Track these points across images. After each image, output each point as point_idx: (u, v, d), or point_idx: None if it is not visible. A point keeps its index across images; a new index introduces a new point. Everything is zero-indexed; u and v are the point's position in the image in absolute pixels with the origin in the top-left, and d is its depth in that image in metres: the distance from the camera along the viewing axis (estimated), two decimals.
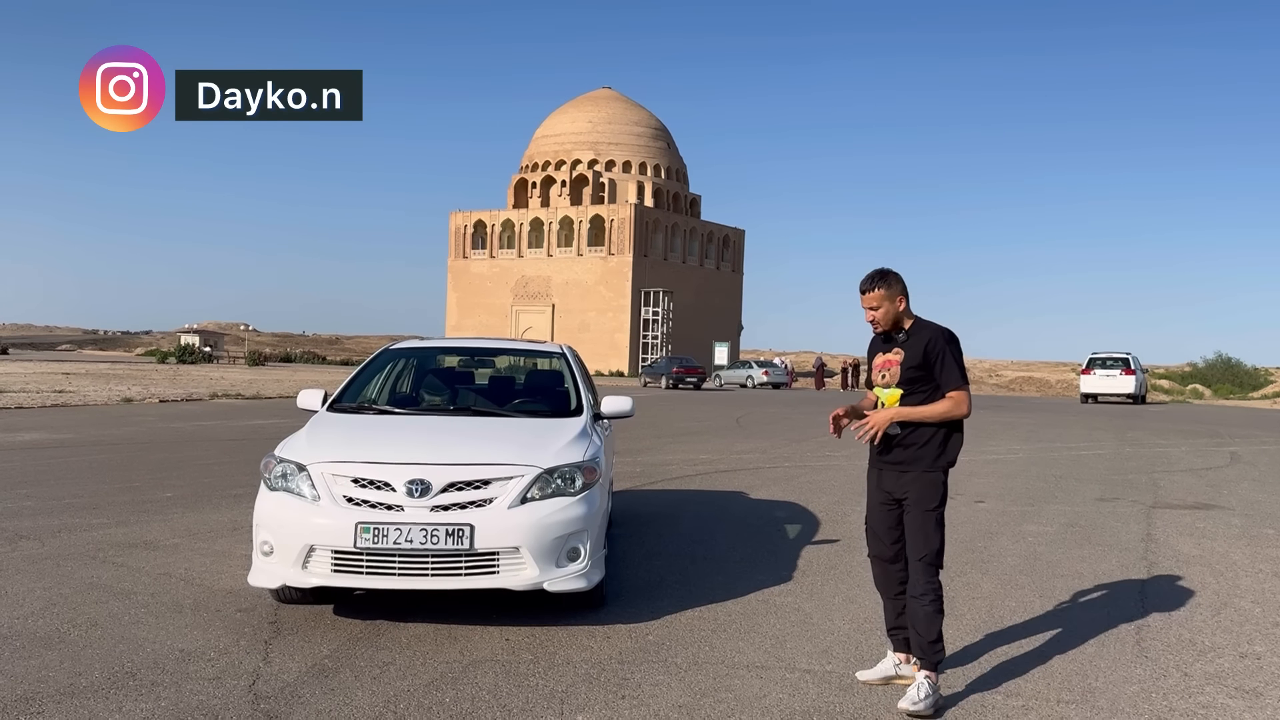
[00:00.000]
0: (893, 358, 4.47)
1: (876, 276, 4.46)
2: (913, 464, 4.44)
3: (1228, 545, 8.03)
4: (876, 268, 4.48)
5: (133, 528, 7.69)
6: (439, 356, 7.85)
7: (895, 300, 4.46)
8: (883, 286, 4.44)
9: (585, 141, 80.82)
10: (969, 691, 4.46)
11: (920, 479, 4.42)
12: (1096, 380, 37.42)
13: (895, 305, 4.46)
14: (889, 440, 4.46)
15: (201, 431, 16.73)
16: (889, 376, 4.47)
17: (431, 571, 4.93)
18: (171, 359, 63.37)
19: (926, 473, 4.42)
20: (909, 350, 4.44)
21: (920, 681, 4.25)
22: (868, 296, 4.47)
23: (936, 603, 4.33)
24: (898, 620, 4.53)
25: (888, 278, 4.46)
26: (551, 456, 5.33)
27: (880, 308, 4.45)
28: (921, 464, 4.43)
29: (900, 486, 4.46)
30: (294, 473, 5.19)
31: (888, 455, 4.49)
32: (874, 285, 4.45)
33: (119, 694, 4.17)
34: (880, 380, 4.51)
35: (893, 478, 4.49)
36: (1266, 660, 5.00)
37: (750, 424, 21.52)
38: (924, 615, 4.31)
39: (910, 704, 4.18)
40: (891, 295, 4.45)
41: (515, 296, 79.00)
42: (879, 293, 4.44)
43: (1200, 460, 15.18)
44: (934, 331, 4.46)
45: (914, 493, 4.43)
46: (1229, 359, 62.48)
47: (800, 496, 10.22)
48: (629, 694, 4.31)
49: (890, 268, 4.48)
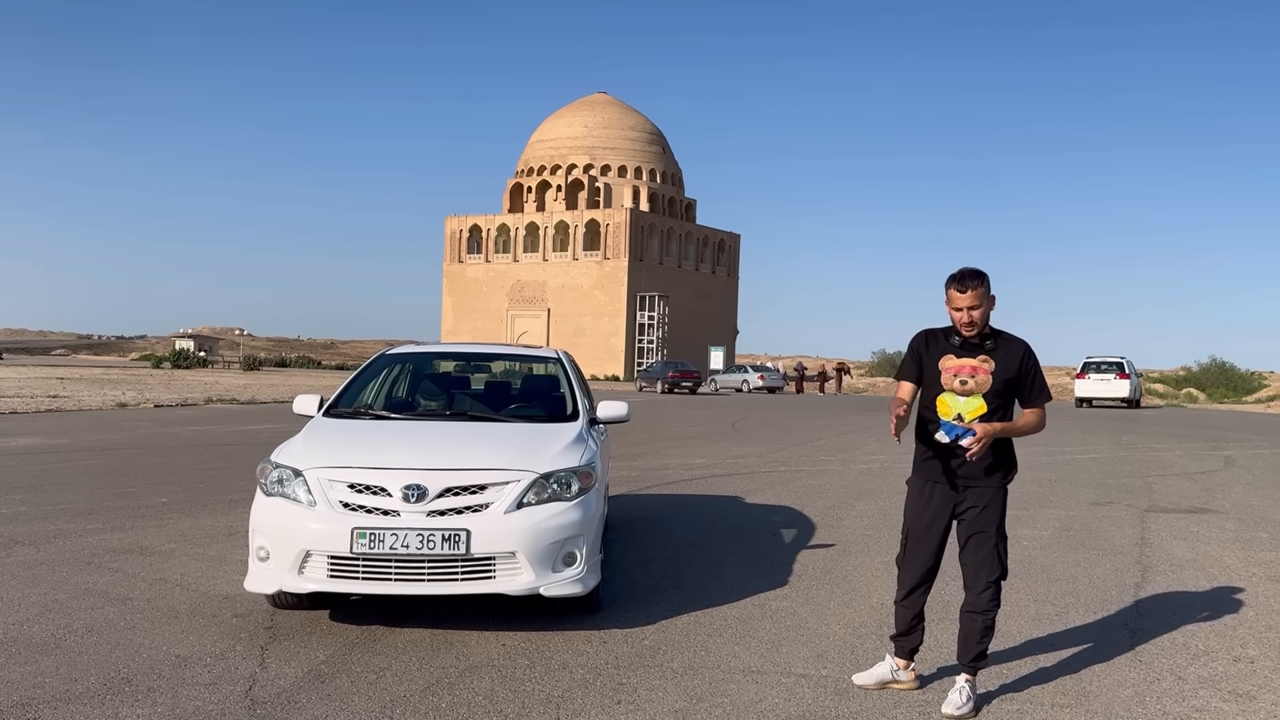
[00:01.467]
0: (980, 365, 4.21)
1: (973, 275, 4.16)
2: (979, 479, 4.25)
3: (1221, 549, 8.05)
4: (965, 266, 4.19)
5: (128, 533, 7.68)
6: (435, 361, 7.86)
7: (990, 300, 4.19)
8: (982, 286, 4.15)
9: (581, 146, 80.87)
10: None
11: (986, 495, 4.27)
12: (1091, 384, 37.52)
13: (990, 306, 4.20)
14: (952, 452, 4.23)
15: (196, 436, 16.70)
16: (974, 384, 4.20)
17: (428, 577, 4.93)
18: (166, 364, 63.25)
19: (993, 488, 4.28)
20: (1002, 360, 4.21)
21: (962, 685, 4.28)
22: (967, 295, 4.15)
23: (994, 619, 4.34)
24: (911, 630, 4.47)
25: (983, 277, 4.18)
26: (547, 461, 5.34)
27: (980, 307, 4.16)
28: (991, 479, 4.26)
29: (963, 503, 4.29)
30: (290, 478, 5.19)
31: (954, 469, 4.27)
32: (974, 283, 4.14)
33: (115, 700, 4.16)
34: (959, 386, 4.22)
35: (952, 494, 4.30)
36: (1260, 664, 5.02)
37: (746, 428, 21.53)
38: (980, 630, 4.30)
39: (955, 709, 4.19)
40: (988, 294, 4.18)
41: (511, 301, 78.98)
42: (979, 291, 4.15)
43: (1194, 464, 15.21)
44: (1024, 343, 4.26)
45: (979, 509, 4.26)
46: (1223, 363, 62.70)
47: (796, 501, 10.23)
48: (625, 699, 4.31)
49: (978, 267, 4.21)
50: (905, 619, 4.47)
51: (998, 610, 4.35)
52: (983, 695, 4.45)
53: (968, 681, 4.30)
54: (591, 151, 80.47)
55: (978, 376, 4.20)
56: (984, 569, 4.28)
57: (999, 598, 4.34)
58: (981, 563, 4.29)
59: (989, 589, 4.29)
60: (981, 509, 4.27)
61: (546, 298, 77.42)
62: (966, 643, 4.33)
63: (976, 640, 4.31)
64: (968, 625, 4.33)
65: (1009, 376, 4.20)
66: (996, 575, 4.29)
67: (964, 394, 4.21)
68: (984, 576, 4.28)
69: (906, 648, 4.50)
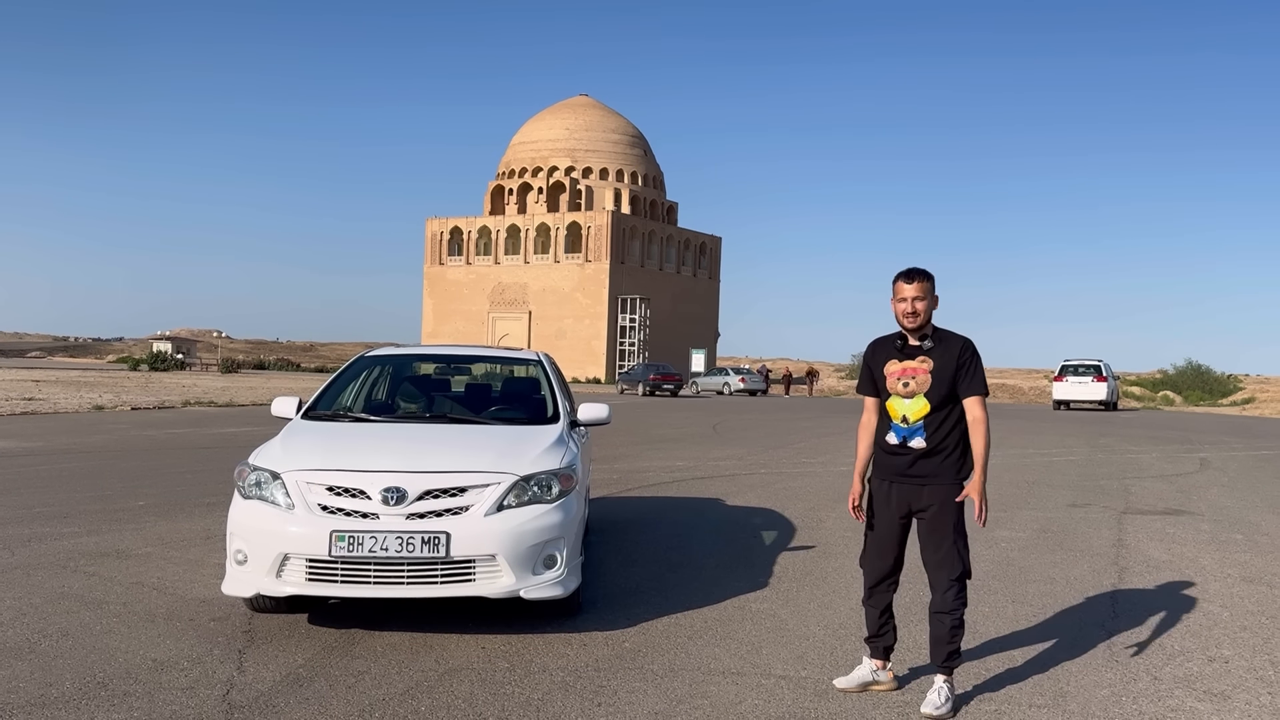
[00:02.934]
0: (919, 366, 4.29)
1: (919, 271, 4.29)
2: (934, 477, 4.30)
3: (1197, 550, 8.13)
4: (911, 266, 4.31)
5: (104, 536, 7.62)
6: (415, 364, 7.83)
7: (934, 297, 4.31)
8: (929, 282, 4.27)
9: (562, 148, 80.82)
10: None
11: (941, 493, 4.30)
12: (1069, 387, 37.78)
13: (934, 302, 4.31)
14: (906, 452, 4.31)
15: (174, 439, 16.58)
16: (915, 385, 4.28)
17: (407, 580, 4.91)
18: (143, 366, 62.70)
19: (950, 485, 4.30)
20: (940, 359, 4.28)
21: (940, 686, 4.30)
22: (914, 286, 4.25)
23: (962, 616, 4.35)
24: (881, 630, 4.52)
25: (931, 276, 4.30)
26: (528, 464, 5.33)
27: (923, 299, 4.26)
28: (945, 477, 4.30)
29: (919, 501, 4.34)
30: (268, 481, 5.16)
31: (907, 469, 4.33)
32: (920, 277, 4.27)
33: (91, 704, 4.12)
34: (902, 389, 4.31)
35: (910, 491, 4.35)
36: (1234, 664, 5.06)
37: (727, 431, 21.57)
38: (950, 629, 4.31)
39: (934, 709, 4.21)
40: (933, 290, 4.29)
41: (492, 303, 78.81)
42: (925, 285, 4.26)
43: (1171, 466, 15.35)
44: (962, 341, 4.33)
45: (937, 508, 4.30)
46: (1199, 366, 63.28)
47: (776, 503, 10.26)
48: (605, 701, 4.31)
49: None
50: (873, 618, 4.52)
51: (964, 608, 4.36)
52: (961, 695, 4.47)
53: (945, 682, 4.33)
54: (573, 154, 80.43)
55: (918, 378, 4.28)
56: (944, 568, 4.32)
57: (964, 596, 4.36)
58: (941, 562, 4.33)
59: (952, 588, 4.32)
60: (939, 507, 4.31)
61: (528, 300, 77.30)
62: (938, 643, 4.36)
63: (947, 640, 4.33)
64: (936, 626, 4.36)
65: (947, 375, 4.26)
66: (958, 573, 4.31)
67: (907, 396, 4.30)
68: (945, 575, 4.32)
69: (880, 647, 4.54)
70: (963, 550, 4.34)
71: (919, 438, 4.28)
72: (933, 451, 4.29)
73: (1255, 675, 4.88)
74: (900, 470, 4.36)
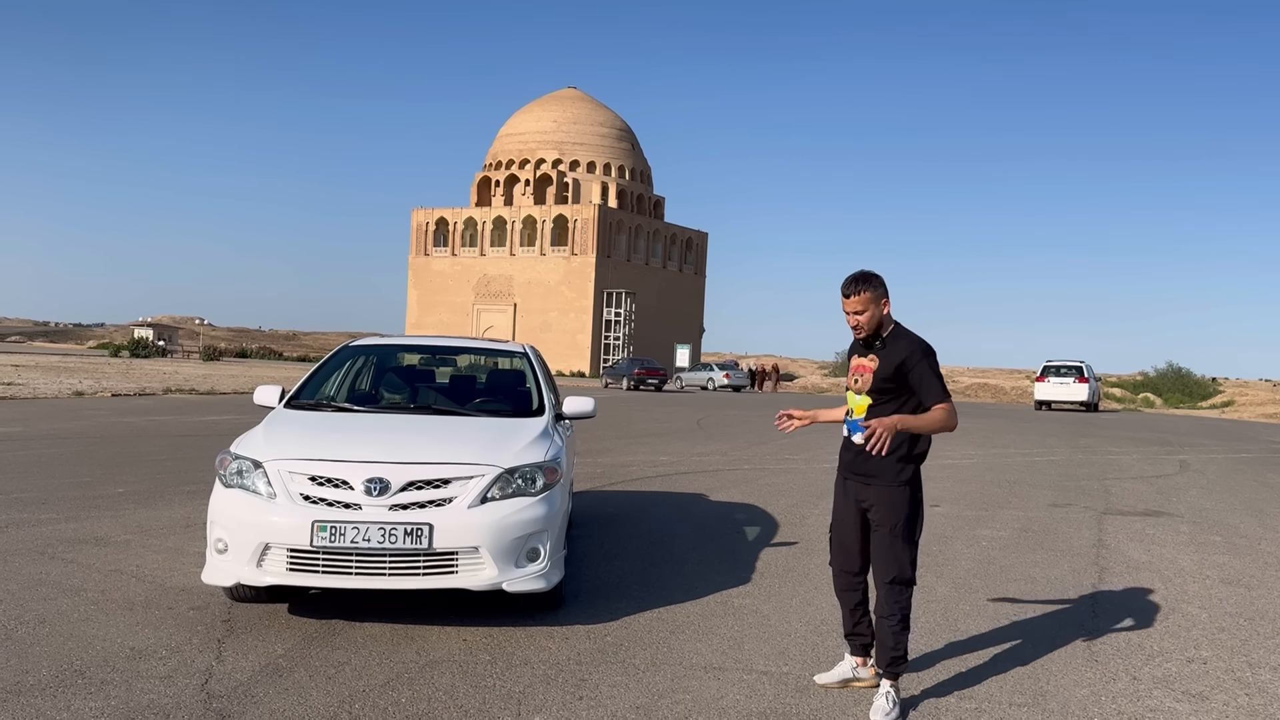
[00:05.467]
0: (867, 364, 4.33)
1: (860, 279, 4.26)
2: (876, 476, 4.31)
3: (1176, 551, 8.18)
4: (858, 270, 4.29)
5: (83, 523, 7.55)
6: (399, 354, 7.79)
7: (880, 304, 4.28)
8: (867, 290, 4.24)
9: (550, 141, 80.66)
10: (924, 696, 4.50)
11: (884, 493, 4.29)
12: (1051, 388, 38.00)
13: (880, 309, 4.29)
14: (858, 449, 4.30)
15: (154, 427, 16.46)
16: (861, 382, 4.34)
17: (389, 571, 4.89)
18: (124, 352, 62.31)
19: (890, 487, 4.29)
20: (883, 360, 4.29)
21: (887, 691, 4.24)
22: (851, 300, 4.26)
23: (903, 622, 4.28)
24: (855, 627, 4.52)
25: (871, 281, 4.26)
26: (512, 456, 5.31)
27: (865, 311, 4.26)
28: (886, 477, 4.29)
29: (865, 498, 4.36)
30: (250, 470, 5.13)
31: (854, 464, 4.38)
32: (858, 289, 4.24)
33: (67, 692, 4.09)
34: (853, 385, 4.39)
35: (858, 488, 4.38)
36: (1212, 664, 5.10)
37: (711, 426, 21.59)
38: (890, 633, 4.26)
39: (883, 715, 4.16)
40: (876, 298, 4.26)
41: (477, 295, 78.63)
42: (864, 296, 4.24)
43: (1151, 468, 15.45)
44: (911, 344, 4.28)
45: (879, 508, 4.30)
46: (1180, 369, 63.67)
47: (759, 499, 10.27)
48: (586, 695, 4.30)
49: (872, 270, 4.30)
50: (846, 616, 4.53)
51: (902, 614, 4.25)
52: (940, 693, 4.49)
53: (891, 687, 4.25)
54: (560, 147, 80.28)
55: (863, 375, 4.33)
56: (880, 570, 4.29)
57: (903, 601, 4.25)
58: (880, 563, 4.30)
59: (886, 589, 4.26)
60: (880, 508, 4.30)
61: (513, 292, 77.17)
62: (880, 647, 4.32)
63: (890, 646, 4.25)
64: (878, 629, 4.34)
65: (886, 375, 4.25)
66: (892, 576, 4.25)
67: (857, 392, 4.37)
68: (881, 578, 4.29)
69: (858, 644, 4.52)
70: (901, 554, 4.26)
71: (860, 433, 4.29)
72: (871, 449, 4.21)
73: (1233, 676, 4.92)
74: (849, 465, 4.43)
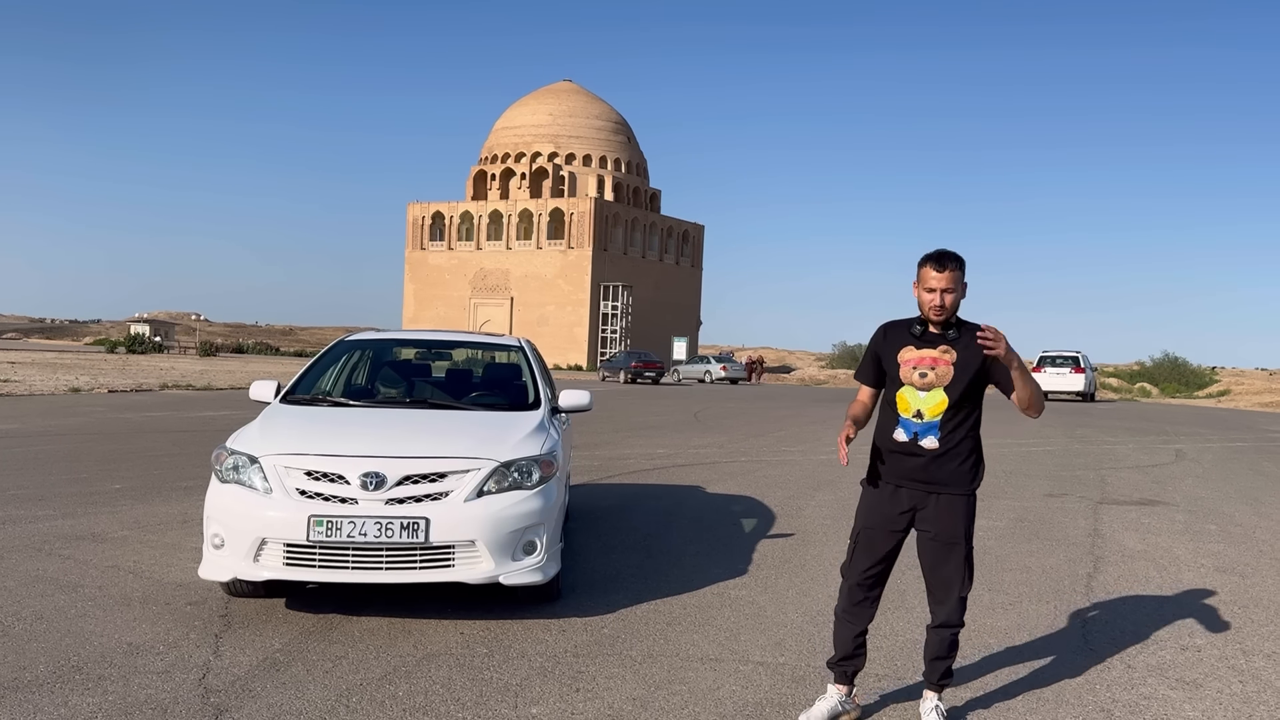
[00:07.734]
0: (940, 356, 3.83)
1: (954, 255, 3.79)
2: (947, 484, 3.86)
3: (1171, 540, 8.21)
4: (943, 248, 3.82)
5: (80, 520, 7.56)
6: (395, 348, 7.79)
7: (963, 289, 3.83)
8: (959, 269, 3.78)
9: (545, 134, 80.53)
10: (920, 684, 4.51)
11: (953, 503, 3.89)
12: (1047, 378, 38.01)
13: (962, 294, 3.83)
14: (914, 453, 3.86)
15: (151, 423, 16.46)
16: (934, 377, 3.82)
17: (386, 565, 4.90)
18: (121, 348, 62.19)
19: (959, 496, 3.89)
20: (964, 351, 3.80)
21: (936, 704, 4.04)
22: (944, 275, 3.75)
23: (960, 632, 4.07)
24: (855, 650, 4.09)
25: (962, 261, 3.80)
26: (508, 450, 5.32)
27: (953, 291, 3.78)
28: (959, 485, 3.87)
29: (925, 507, 3.90)
30: (246, 465, 5.13)
31: (918, 472, 3.88)
32: (954, 264, 3.76)
33: (65, 688, 4.10)
34: (918, 380, 3.84)
35: (916, 498, 3.92)
36: (1206, 652, 5.12)
37: (708, 419, 21.60)
38: (951, 643, 4.01)
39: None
40: (962, 281, 3.82)
41: (473, 289, 78.56)
42: (956, 274, 3.77)
43: (1146, 457, 15.49)
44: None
45: (945, 518, 3.88)
46: (1176, 358, 63.73)
47: (756, 491, 10.29)
48: (583, 687, 4.32)
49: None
50: (847, 638, 4.07)
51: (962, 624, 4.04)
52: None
53: (941, 700, 4.06)
54: (556, 140, 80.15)
55: (938, 369, 3.81)
56: (954, 584, 3.95)
57: (965, 610, 4.03)
58: (950, 577, 3.95)
59: (957, 604, 3.96)
60: (948, 517, 3.90)
61: (509, 286, 77.10)
62: (936, 661, 4.01)
63: (946, 655, 4.01)
64: (936, 643, 4.01)
65: (971, 368, 3.80)
66: (966, 591, 3.96)
67: (923, 388, 3.84)
68: (953, 590, 3.95)
69: (849, 672, 4.10)
70: (971, 565, 3.97)
71: (932, 437, 3.82)
72: (945, 454, 3.84)
73: (1227, 664, 4.94)
74: (909, 473, 3.89)
